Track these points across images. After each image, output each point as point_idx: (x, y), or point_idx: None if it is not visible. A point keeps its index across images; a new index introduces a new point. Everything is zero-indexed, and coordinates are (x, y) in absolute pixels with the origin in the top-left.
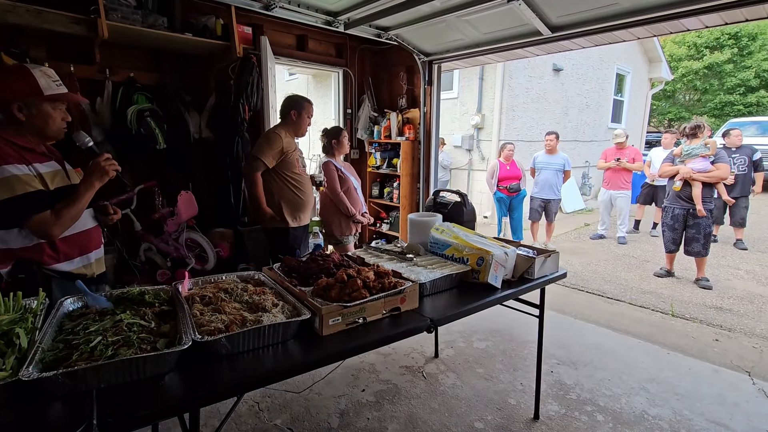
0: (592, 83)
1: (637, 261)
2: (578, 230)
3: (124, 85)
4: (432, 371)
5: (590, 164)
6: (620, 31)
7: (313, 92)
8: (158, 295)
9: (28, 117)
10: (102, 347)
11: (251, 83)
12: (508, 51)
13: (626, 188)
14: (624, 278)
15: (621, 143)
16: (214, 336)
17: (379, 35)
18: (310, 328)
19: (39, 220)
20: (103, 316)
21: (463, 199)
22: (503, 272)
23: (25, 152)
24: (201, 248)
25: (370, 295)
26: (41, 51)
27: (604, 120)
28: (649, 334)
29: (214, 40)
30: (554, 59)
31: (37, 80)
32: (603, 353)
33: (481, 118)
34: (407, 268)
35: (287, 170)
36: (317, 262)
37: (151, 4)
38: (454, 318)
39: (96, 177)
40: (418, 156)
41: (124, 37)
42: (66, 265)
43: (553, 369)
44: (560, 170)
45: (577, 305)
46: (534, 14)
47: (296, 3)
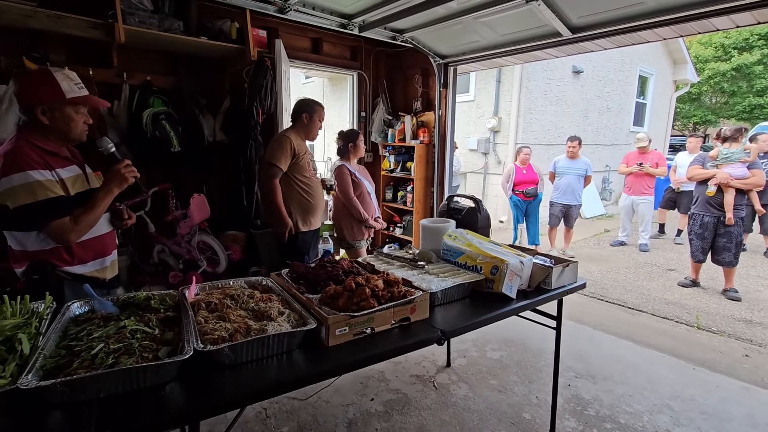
0: (614, 86)
1: (660, 269)
2: (598, 236)
3: (140, 89)
4: (443, 381)
5: (611, 168)
6: (645, 31)
7: (329, 95)
8: (164, 301)
9: (51, 120)
10: (103, 355)
11: (265, 86)
12: (527, 53)
13: (649, 194)
14: (646, 287)
15: (643, 147)
16: (216, 345)
17: (394, 38)
18: (316, 337)
19: (58, 225)
20: (108, 322)
21: (478, 205)
22: (518, 282)
23: (48, 156)
24: (213, 251)
25: (378, 305)
26: (61, 55)
27: (625, 123)
28: (673, 348)
29: (229, 43)
30: (574, 61)
31: (60, 84)
32: (624, 367)
33: (497, 121)
34: (418, 276)
35: (298, 174)
36: (326, 269)
37: (167, 8)
38: (466, 330)
39: (115, 184)
40: (432, 159)
41: (140, 41)
42: (79, 268)
43: (570, 382)
44: (582, 175)
45: (596, 315)
46: (554, 15)
47: (311, 6)
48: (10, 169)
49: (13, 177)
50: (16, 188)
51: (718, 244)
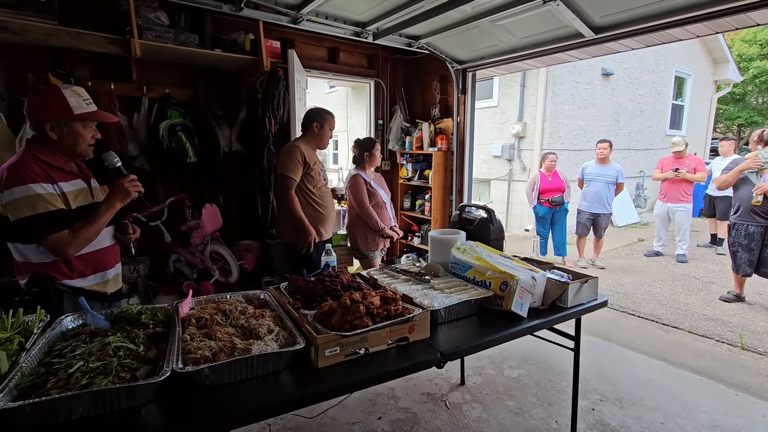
0: (648, 87)
1: (700, 282)
2: (631, 246)
3: (159, 101)
4: (456, 401)
5: (645, 174)
6: (675, 29)
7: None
8: (155, 316)
9: (59, 135)
10: (79, 374)
11: (277, 96)
12: (548, 56)
13: (686, 201)
14: (683, 302)
15: (679, 152)
16: (197, 365)
17: (409, 44)
18: (306, 357)
19: (56, 238)
20: (95, 338)
21: (490, 216)
22: (530, 299)
23: (52, 170)
24: (225, 261)
25: (373, 323)
26: (84, 71)
27: (661, 127)
28: (712, 370)
29: (243, 55)
30: (603, 63)
31: (68, 100)
32: (655, 390)
33: (522, 127)
34: (422, 291)
35: (309, 184)
36: (324, 283)
37: (183, 22)
38: (469, 352)
39: (118, 198)
40: (450, 167)
41: (157, 54)
42: (79, 282)
43: (594, 406)
44: (612, 182)
45: (626, 332)
46: (574, 15)
47: (324, 15)
48: (13, 182)
49: (14, 190)
50: (18, 201)
51: (765, 255)
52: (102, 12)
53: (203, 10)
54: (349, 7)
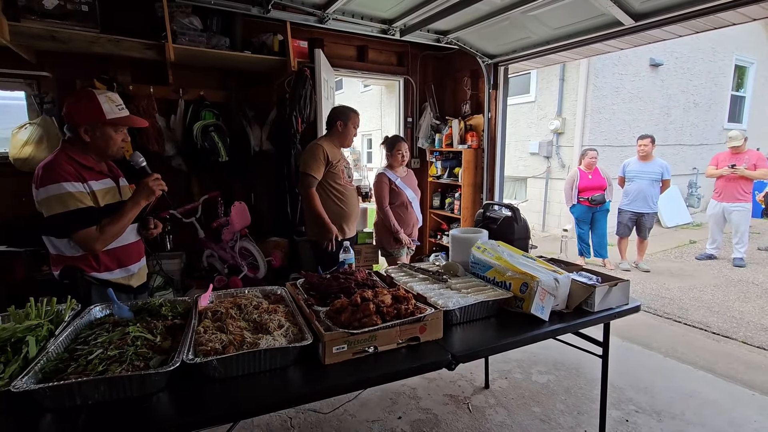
0: (702, 78)
1: (759, 289)
2: (681, 248)
3: (194, 103)
4: (479, 404)
5: (699, 171)
6: (726, 12)
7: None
8: (175, 308)
9: (92, 138)
10: (97, 361)
11: (304, 96)
12: (584, 46)
13: (744, 200)
14: (738, 310)
15: (737, 147)
16: (205, 358)
17: (438, 40)
18: (315, 353)
19: (84, 234)
20: (117, 327)
21: (515, 214)
22: (552, 302)
23: (84, 170)
24: (253, 257)
25: (382, 322)
26: (126, 75)
27: (718, 120)
28: (766, 385)
29: (271, 56)
30: (651, 53)
31: (102, 105)
32: (699, 404)
33: (561, 122)
34: (438, 290)
35: (332, 181)
36: (338, 281)
37: (215, 26)
38: (482, 354)
39: (143, 196)
40: (481, 165)
41: (190, 58)
42: (105, 275)
43: (629, 417)
44: (657, 179)
45: (669, 339)
46: (611, 2)
47: (350, 14)
48: (47, 180)
49: (49, 188)
50: (51, 198)
51: None
52: (140, 19)
53: (233, 14)
54: (374, 4)
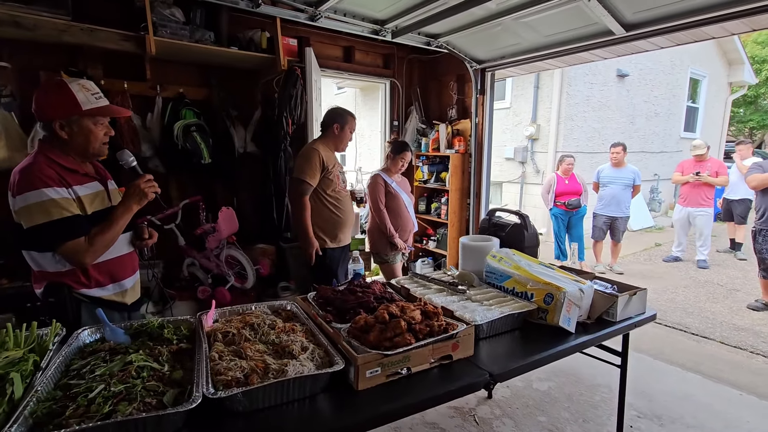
0: (662, 89)
1: (724, 289)
2: (648, 251)
3: (173, 101)
4: (485, 415)
5: (660, 177)
6: (711, 26)
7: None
8: (178, 330)
9: (70, 135)
10: (101, 400)
11: (295, 96)
12: (572, 55)
13: (707, 205)
14: (710, 310)
15: (701, 155)
16: (230, 389)
17: (428, 43)
18: (343, 377)
19: (72, 246)
20: (115, 355)
21: (524, 221)
22: (577, 313)
23: (66, 173)
24: (241, 266)
25: (415, 341)
26: (98, 69)
27: (675, 129)
28: (751, 384)
29: (259, 53)
30: (618, 64)
31: (75, 95)
32: (695, 407)
33: (536, 129)
34: (460, 303)
35: (327, 187)
36: (356, 294)
37: (199, 19)
38: (519, 372)
39: (134, 200)
40: (468, 170)
41: (172, 52)
42: (97, 292)
43: (632, 423)
44: (629, 185)
45: (655, 342)
46: (605, 11)
47: (342, 12)
48: (26, 186)
49: (27, 195)
50: (31, 207)
51: None
52: (116, 8)
53: (219, 7)
54: (368, 4)
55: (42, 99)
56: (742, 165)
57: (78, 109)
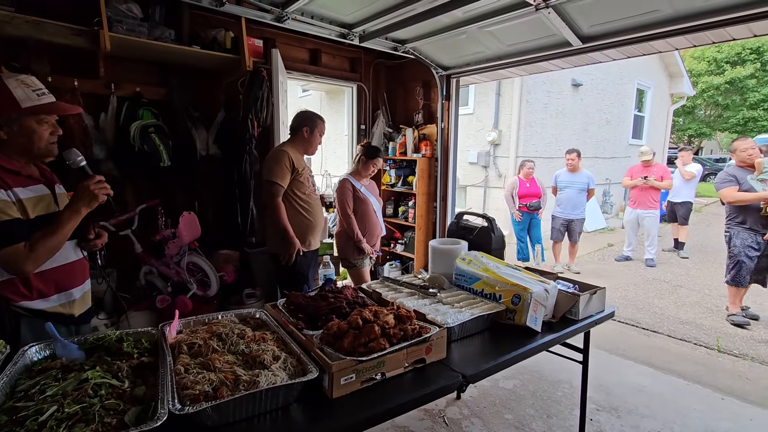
0: (612, 98)
1: (670, 286)
2: (601, 251)
3: (129, 100)
4: (454, 416)
5: (611, 181)
6: (658, 41)
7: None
8: (139, 342)
9: (9, 134)
10: (53, 423)
11: (261, 98)
12: (532, 64)
13: (654, 207)
14: (658, 306)
15: (647, 161)
16: (198, 404)
17: (395, 48)
18: (317, 384)
19: (9, 253)
20: (68, 373)
21: (491, 224)
22: (543, 312)
23: (7, 174)
24: (203, 273)
25: (390, 345)
26: (44, 65)
27: (624, 136)
28: (696, 374)
29: (223, 53)
30: (573, 74)
31: (13, 92)
32: (648, 397)
33: (497, 135)
34: (431, 306)
35: (297, 190)
36: (327, 300)
37: (158, 16)
38: (492, 372)
39: (83, 203)
40: (434, 174)
41: (129, 50)
42: (40, 303)
43: (592, 416)
44: (584, 189)
45: (610, 337)
46: (564, 24)
47: (309, 15)
48: None
49: None
50: None
51: (762, 265)
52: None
53: (180, 4)
54: (336, 8)
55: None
56: (684, 170)
57: (16, 107)
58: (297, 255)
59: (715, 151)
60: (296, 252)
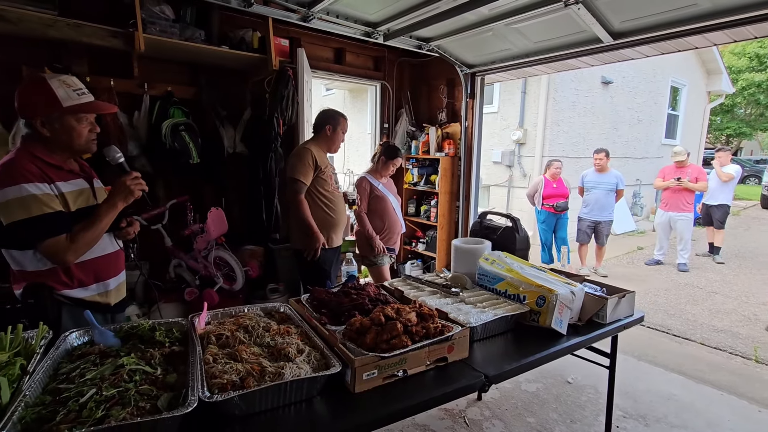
0: (644, 97)
1: (704, 292)
2: (630, 254)
3: (161, 99)
4: (475, 417)
5: (641, 182)
6: (694, 36)
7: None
8: (170, 332)
9: (52, 131)
10: (93, 405)
11: (287, 97)
12: (560, 61)
13: (688, 210)
14: (691, 312)
15: (681, 161)
16: (225, 393)
17: (419, 46)
18: (340, 379)
19: (52, 244)
20: (106, 358)
21: (516, 224)
22: (569, 315)
23: (50, 169)
24: (230, 267)
25: (412, 343)
26: (83, 65)
27: (657, 136)
28: (731, 384)
29: (251, 53)
30: (603, 72)
31: (55, 91)
32: (678, 407)
33: (523, 133)
34: (453, 305)
35: (320, 188)
36: (350, 296)
37: (189, 17)
38: (514, 373)
39: (120, 197)
40: (457, 173)
41: (161, 50)
42: (79, 292)
43: (618, 423)
44: (612, 190)
45: (639, 343)
46: (594, 19)
47: (335, 14)
48: (5, 181)
49: (7, 190)
50: (10, 202)
51: None
52: (103, 4)
53: (210, 6)
54: (361, 7)
55: (22, 97)
56: (721, 172)
57: (58, 106)
58: (320, 250)
59: (756, 151)
60: (320, 246)
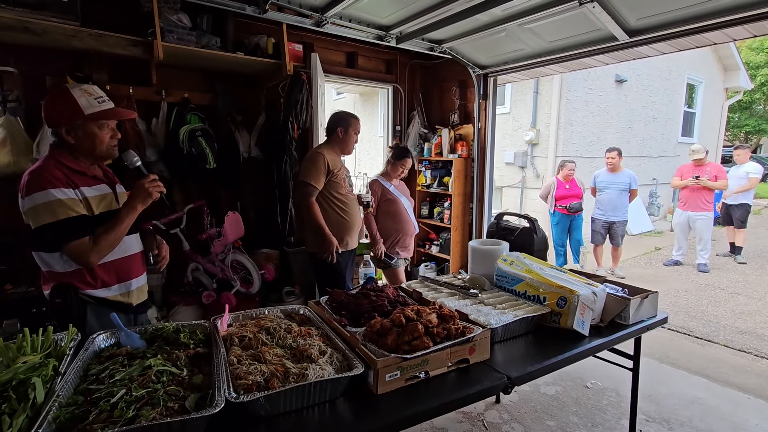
0: (660, 94)
1: (726, 293)
2: (648, 255)
3: (178, 106)
4: (494, 420)
5: (658, 182)
6: (713, 32)
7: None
8: (194, 334)
9: (76, 139)
10: (123, 405)
11: (301, 101)
12: (574, 60)
13: (707, 209)
14: (713, 314)
15: (699, 160)
16: (251, 394)
17: (431, 49)
18: (362, 381)
19: (77, 246)
20: (133, 360)
21: (533, 225)
22: (591, 316)
23: (75, 175)
24: (246, 271)
25: (433, 344)
26: (103, 74)
27: (673, 134)
28: (757, 388)
29: (265, 58)
30: (617, 70)
31: (77, 100)
32: (702, 410)
33: (535, 134)
34: (473, 306)
35: (333, 191)
36: (369, 298)
37: (205, 25)
38: (536, 375)
39: (139, 200)
40: (471, 174)
41: (178, 58)
42: (103, 292)
43: (642, 427)
44: (625, 189)
45: (661, 345)
46: (609, 17)
47: (347, 18)
48: (33, 187)
49: (35, 196)
50: (38, 207)
51: None
52: (122, 14)
53: (226, 13)
54: (374, 10)
55: (48, 107)
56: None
57: (81, 115)
58: (337, 252)
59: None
60: (335, 249)
